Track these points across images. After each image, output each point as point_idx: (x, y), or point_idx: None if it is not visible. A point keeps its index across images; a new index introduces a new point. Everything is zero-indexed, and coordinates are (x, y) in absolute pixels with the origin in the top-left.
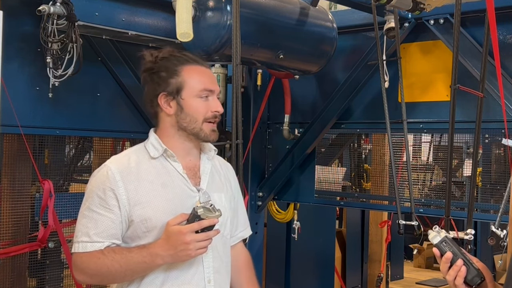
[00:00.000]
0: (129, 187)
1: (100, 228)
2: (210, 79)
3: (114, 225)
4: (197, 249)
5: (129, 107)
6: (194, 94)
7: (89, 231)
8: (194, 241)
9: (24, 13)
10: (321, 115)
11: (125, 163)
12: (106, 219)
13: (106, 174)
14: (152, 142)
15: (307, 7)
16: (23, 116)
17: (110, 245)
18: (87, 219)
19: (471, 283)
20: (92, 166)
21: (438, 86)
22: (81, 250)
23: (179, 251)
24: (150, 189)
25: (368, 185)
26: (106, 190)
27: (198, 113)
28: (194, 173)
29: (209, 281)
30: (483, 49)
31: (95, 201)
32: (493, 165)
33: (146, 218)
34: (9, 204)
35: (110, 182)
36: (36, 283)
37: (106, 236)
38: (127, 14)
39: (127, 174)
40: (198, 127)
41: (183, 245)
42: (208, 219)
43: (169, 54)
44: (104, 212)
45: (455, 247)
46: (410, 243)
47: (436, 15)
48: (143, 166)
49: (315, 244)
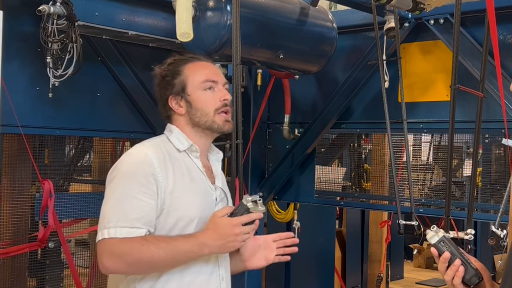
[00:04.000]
0: (166, 175)
1: (140, 214)
2: (211, 71)
3: (153, 212)
4: (242, 241)
5: (129, 107)
6: (197, 87)
7: (128, 216)
8: (242, 233)
9: (24, 13)
10: (321, 115)
11: (160, 151)
12: (147, 205)
13: (145, 159)
14: (177, 135)
15: (307, 7)
16: (23, 116)
17: (147, 232)
18: (124, 204)
19: (469, 283)
20: (92, 166)
21: (438, 86)
22: (120, 235)
23: (227, 241)
24: (183, 181)
25: (368, 185)
26: (148, 176)
27: (207, 105)
28: (210, 172)
29: (222, 279)
30: (483, 49)
31: (134, 186)
32: (493, 165)
33: (177, 208)
34: (9, 204)
35: (151, 167)
36: (36, 283)
37: (145, 223)
38: (127, 14)
39: (164, 162)
40: (211, 120)
41: (233, 236)
42: (256, 212)
43: (173, 59)
44: (144, 198)
45: (453, 247)
46: (410, 243)
47: (436, 15)
48: (173, 157)
49: (315, 244)
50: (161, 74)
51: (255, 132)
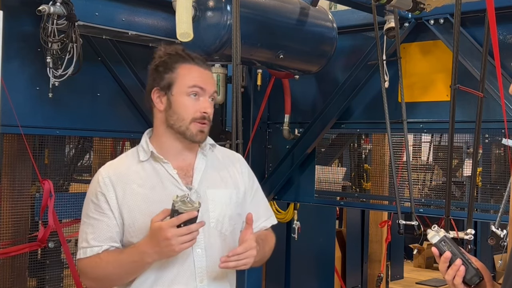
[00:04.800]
0: (118, 191)
1: (97, 232)
2: (203, 79)
3: (109, 228)
4: (180, 244)
5: (129, 107)
6: (183, 91)
7: (87, 236)
8: (176, 236)
9: (24, 13)
10: (321, 115)
11: (116, 168)
12: (101, 223)
13: (97, 180)
14: (142, 144)
15: (307, 7)
16: (23, 116)
17: (108, 248)
18: (85, 225)
19: (469, 283)
20: (92, 166)
21: (438, 86)
22: (82, 255)
23: (163, 247)
24: (139, 193)
25: (368, 185)
26: (98, 195)
27: (186, 112)
28: (185, 172)
29: (201, 281)
30: (483, 49)
31: (90, 207)
32: (493, 165)
33: (134, 221)
34: (9, 204)
35: (101, 187)
36: (36, 283)
37: (103, 240)
38: (127, 14)
39: (117, 179)
40: (185, 126)
41: (166, 240)
42: (187, 212)
43: (175, 52)
44: (99, 217)
45: (454, 246)
46: (410, 243)
47: (436, 15)
48: (133, 169)
49: (315, 244)
50: (156, 63)
51: (255, 132)
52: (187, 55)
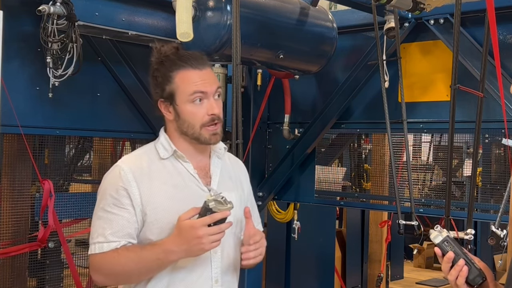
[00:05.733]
0: (142, 187)
1: (115, 227)
2: (202, 81)
3: (129, 224)
4: (210, 243)
5: (129, 107)
6: (186, 99)
7: (104, 232)
8: (207, 235)
9: (24, 13)
10: (321, 115)
11: (137, 163)
12: (120, 218)
13: (118, 174)
14: (162, 142)
15: (307, 7)
16: (23, 116)
17: (126, 244)
18: (102, 220)
19: (472, 283)
20: (92, 166)
21: (438, 86)
22: (98, 251)
23: (192, 245)
24: (162, 190)
25: (368, 185)
26: (119, 190)
27: (194, 119)
28: (205, 173)
29: (216, 281)
30: (483, 49)
31: (109, 201)
32: (493, 165)
33: (157, 218)
34: (9, 204)
35: (123, 181)
36: (36, 283)
37: (122, 236)
38: (127, 14)
39: (140, 175)
40: (197, 132)
41: (196, 239)
42: (220, 211)
43: (171, 53)
44: (118, 212)
45: (457, 246)
46: (410, 243)
47: (436, 15)
48: (155, 166)
49: (315, 244)
50: (152, 71)
51: (255, 132)
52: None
